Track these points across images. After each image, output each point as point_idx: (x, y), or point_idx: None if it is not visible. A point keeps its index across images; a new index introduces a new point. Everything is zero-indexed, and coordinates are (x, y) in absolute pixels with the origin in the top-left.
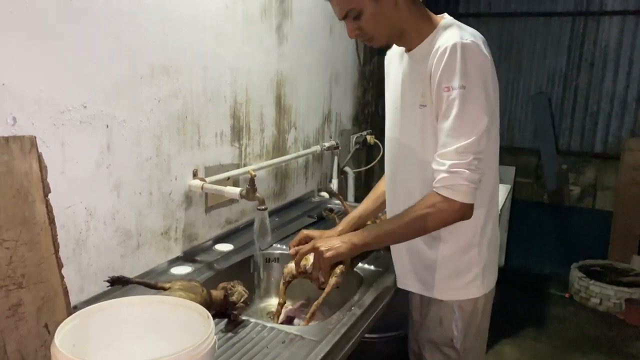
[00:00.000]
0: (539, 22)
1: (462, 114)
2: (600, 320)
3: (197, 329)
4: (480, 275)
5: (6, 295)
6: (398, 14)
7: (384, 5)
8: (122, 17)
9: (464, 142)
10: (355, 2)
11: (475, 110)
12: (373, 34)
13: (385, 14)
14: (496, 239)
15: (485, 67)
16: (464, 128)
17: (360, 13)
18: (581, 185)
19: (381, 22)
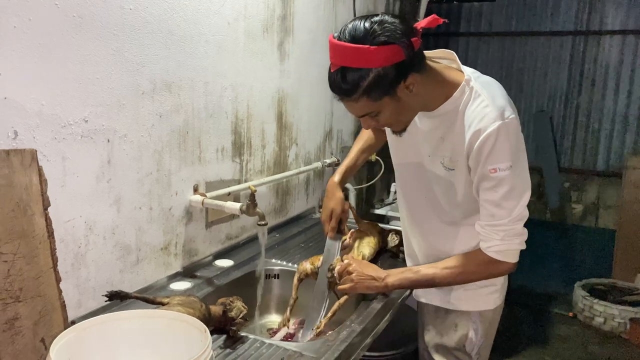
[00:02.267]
0: (540, 42)
1: (512, 190)
2: (605, 339)
3: (194, 343)
4: (500, 289)
5: (3, 309)
6: (418, 99)
7: (406, 100)
8: (124, 32)
9: (514, 214)
10: (374, 106)
11: (521, 183)
12: (392, 124)
13: (407, 107)
14: None
15: (522, 141)
16: (514, 201)
17: (379, 113)
18: (584, 204)
19: (404, 114)
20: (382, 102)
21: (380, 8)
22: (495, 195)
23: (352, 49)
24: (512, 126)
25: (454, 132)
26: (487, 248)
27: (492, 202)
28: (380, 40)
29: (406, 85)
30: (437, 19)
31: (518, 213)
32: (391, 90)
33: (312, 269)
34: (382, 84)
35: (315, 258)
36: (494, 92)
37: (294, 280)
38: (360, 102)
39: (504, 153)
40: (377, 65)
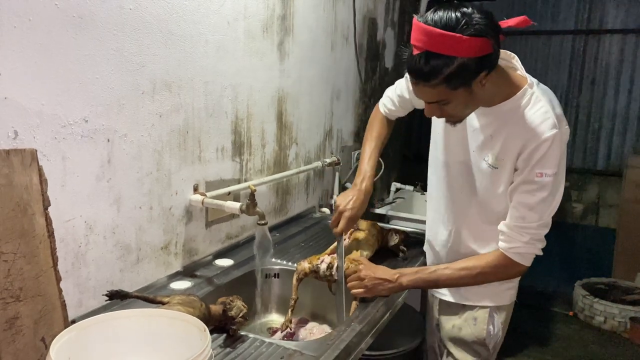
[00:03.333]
0: (540, 41)
1: (552, 196)
2: (605, 339)
3: (194, 342)
4: (516, 284)
5: (3, 308)
6: (484, 92)
7: (478, 93)
8: (124, 32)
9: (544, 220)
10: (449, 95)
11: (558, 191)
12: (458, 115)
13: (476, 100)
14: None
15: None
16: (547, 207)
17: (448, 101)
18: (584, 203)
19: (469, 106)
20: (457, 92)
21: (380, 7)
22: (533, 199)
23: (443, 35)
24: (565, 136)
25: (507, 131)
26: (508, 249)
27: (526, 205)
28: (471, 32)
29: (480, 80)
30: (527, 20)
31: (547, 219)
32: (469, 82)
33: (311, 268)
34: (463, 75)
35: (314, 257)
36: (553, 101)
37: (293, 280)
38: (437, 89)
39: (553, 160)
40: (464, 55)
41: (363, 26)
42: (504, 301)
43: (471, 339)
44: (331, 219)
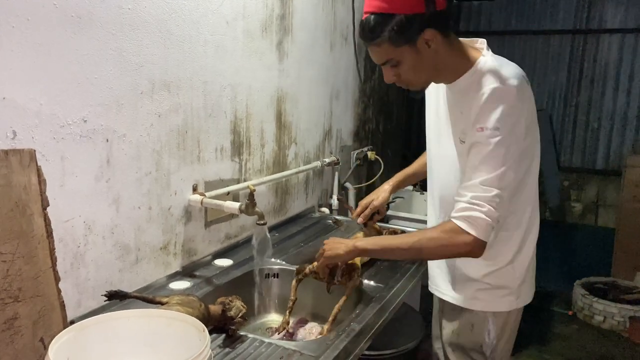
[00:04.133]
0: (539, 40)
1: (492, 152)
2: (604, 338)
3: (193, 342)
4: (516, 292)
5: (2, 309)
6: (437, 59)
7: (425, 55)
8: (123, 32)
9: (488, 176)
10: (396, 53)
11: (504, 151)
12: (411, 80)
13: (427, 63)
14: (534, 259)
15: (521, 112)
16: (490, 165)
17: (399, 62)
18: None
19: (421, 70)
20: (402, 50)
21: None
22: (476, 157)
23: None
24: (510, 93)
25: (467, 103)
26: (453, 214)
27: (471, 166)
28: None
29: (426, 40)
30: None
31: (491, 177)
32: (411, 39)
33: (311, 269)
34: (403, 31)
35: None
36: (505, 65)
37: (293, 281)
38: (383, 47)
39: (493, 114)
40: (398, 10)
41: None
42: (501, 307)
43: (469, 346)
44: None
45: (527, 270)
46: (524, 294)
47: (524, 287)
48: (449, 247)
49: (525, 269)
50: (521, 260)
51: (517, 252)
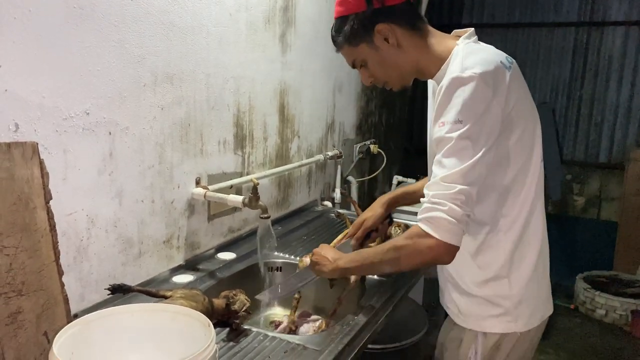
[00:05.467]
0: (542, 33)
1: (454, 146)
2: (606, 331)
3: (198, 337)
4: (512, 312)
5: (5, 303)
6: (404, 55)
7: (386, 51)
8: (125, 23)
9: (449, 172)
10: (357, 53)
11: (469, 143)
12: (385, 79)
13: (391, 59)
14: (542, 275)
15: (484, 101)
16: (453, 160)
17: (364, 62)
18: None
19: (389, 68)
20: (360, 49)
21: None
22: (439, 154)
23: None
24: (471, 81)
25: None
26: (418, 216)
27: (435, 163)
28: None
29: (383, 36)
30: None
31: (453, 172)
32: (366, 37)
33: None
34: (356, 29)
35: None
36: (477, 52)
37: None
38: (345, 50)
39: (453, 106)
40: (349, 11)
41: None
42: (492, 329)
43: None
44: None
45: (526, 288)
46: (524, 317)
47: (522, 309)
48: (414, 255)
49: (524, 286)
50: (518, 275)
51: (510, 263)
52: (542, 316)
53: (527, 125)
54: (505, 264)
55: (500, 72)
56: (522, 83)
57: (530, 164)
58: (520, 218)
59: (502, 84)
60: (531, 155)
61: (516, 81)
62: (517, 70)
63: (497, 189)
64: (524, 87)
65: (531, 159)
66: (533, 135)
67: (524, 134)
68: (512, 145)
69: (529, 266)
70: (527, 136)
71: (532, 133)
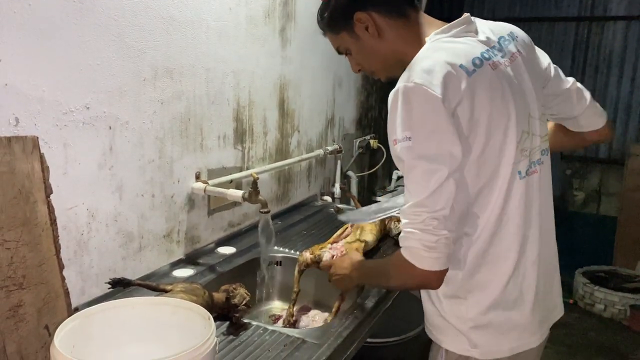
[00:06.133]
0: (543, 27)
1: (412, 168)
2: (605, 326)
3: (198, 330)
4: (466, 335)
5: (7, 296)
6: (386, 45)
7: (367, 41)
8: (125, 18)
9: (415, 199)
10: (339, 41)
11: (425, 162)
12: (371, 69)
13: (372, 49)
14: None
15: (433, 112)
16: (415, 187)
17: (348, 50)
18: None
19: (371, 57)
20: (341, 37)
21: None
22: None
23: None
24: (416, 92)
25: None
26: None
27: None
28: None
29: (363, 25)
30: None
31: (419, 201)
32: (346, 25)
33: (313, 259)
34: (336, 16)
35: (315, 247)
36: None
37: (295, 272)
38: (329, 36)
39: (400, 121)
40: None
41: None
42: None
43: None
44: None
45: (487, 315)
46: (485, 346)
47: (480, 336)
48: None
49: (483, 311)
50: (477, 299)
51: (468, 285)
52: (514, 348)
53: (493, 138)
54: (463, 285)
55: (453, 76)
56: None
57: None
58: (480, 240)
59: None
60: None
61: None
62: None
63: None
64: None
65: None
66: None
67: (486, 149)
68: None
69: (493, 291)
70: (491, 152)
71: (498, 147)
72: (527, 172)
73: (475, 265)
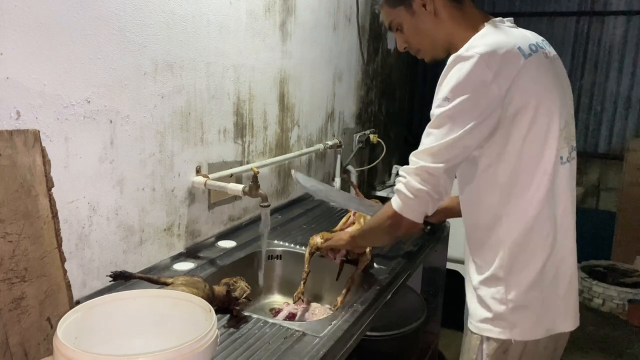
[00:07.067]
0: (543, 22)
1: (434, 124)
2: (603, 320)
3: (200, 322)
4: (508, 318)
5: (9, 289)
6: (440, 25)
7: (423, 18)
8: (125, 11)
9: (421, 148)
10: (394, 15)
11: (447, 123)
12: (418, 47)
13: (425, 27)
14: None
15: (479, 82)
16: (428, 138)
17: (400, 26)
18: (585, 186)
19: (422, 35)
20: (398, 11)
21: None
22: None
23: None
24: (470, 60)
25: None
26: None
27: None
28: None
29: (422, 2)
30: None
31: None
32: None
33: (323, 243)
34: None
35: (325, 233)
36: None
37: (306, 254)
38: (383, 9)
39: (446, 84)
40: None
41: (366, 6)
42: (491, 333)
43: None
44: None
45: (526, 294)
46: (523, 326)
47: (519, 316)
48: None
49: (523, 292)
50: (518, 280)
51: (509, 265)
52: (550, 329)
53: (540, 120)
54: (503, 265)
55: (510, 57)
56: (548, 73)
57: (540, 164)
58: (523, 220)
59: (510, 69)
60: (542, 153)
61: (537, 71)
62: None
63: (498, 186)
64: (550, 78)
65: (541, 158)
66: (546, 132)
67: (532, 129)
68: (515, 141)
69: (532, 272)
70: (537, 133)
71: (544, 130)
72: (568, 159)
73: (517, 245)
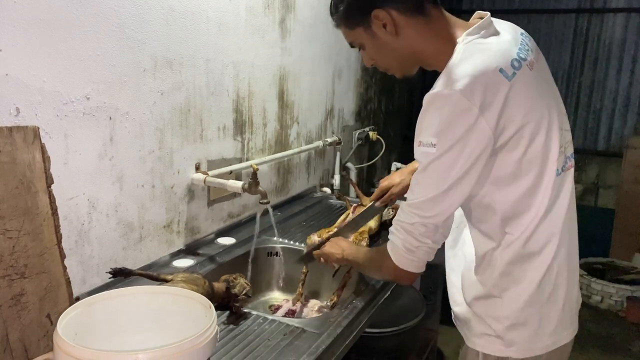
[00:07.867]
0: (542, 19)
1: (424, 172)
2: (602, 318)
3: (199, 319)
4: (503, 335)
5: (9, 285)
6: (405, 43)
7: (385, 39)
8: (125, 8)
9: (414, 200)
10: (354, 36)
11: (437, 173)
12: (385, 66)
13: (390, 47)
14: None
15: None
16: (420, 187)
17: (363, 45)
18: (583, 183)
19: (387, 55)
20: (357, 32)
21: None
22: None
23: None
24: (450, 99)
25: None
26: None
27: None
28: None
29: (382, 22)
30: None
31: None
32: (362, 21)
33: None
34: (352, 11)
35: (323, 231)
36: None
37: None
38: (341, 29)
39: (430, 125)
40: None
41: None
42: (486, 349)
43: None
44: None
45: (523, 311)
46: (520, 344)
47: (516, 334)
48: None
49: (519, 309)
50: (512, 296)
51: (505, 281)
52: (549, 345)
53: (537, 138)
54: (500, 282)
55: (493, 85)
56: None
57: (542, 179)
58: (523, 236)
59: (495, 98)
60: (544, 168)
61: (525, 91)
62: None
63: (495, 213)
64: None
65: (544, 173)
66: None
67: (529, 149)
68: (514, 162)
69: (528, 287)
70: (534, 152)
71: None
72: (562, 168)
73: (513, 262)
